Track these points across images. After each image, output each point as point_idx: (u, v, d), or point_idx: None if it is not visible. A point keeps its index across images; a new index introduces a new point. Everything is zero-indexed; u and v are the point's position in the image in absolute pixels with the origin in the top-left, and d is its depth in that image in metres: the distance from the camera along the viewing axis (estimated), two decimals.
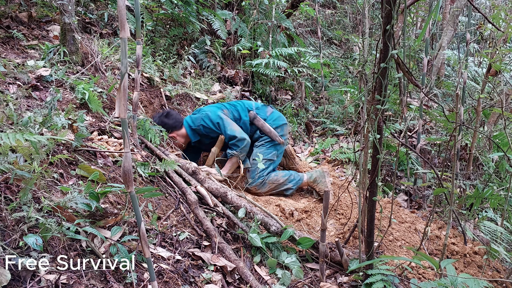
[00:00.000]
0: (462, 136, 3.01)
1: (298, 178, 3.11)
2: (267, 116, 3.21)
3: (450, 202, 2.05)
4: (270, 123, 3.18)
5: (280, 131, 3.19)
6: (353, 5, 7.36)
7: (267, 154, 3.08)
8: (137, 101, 2.49)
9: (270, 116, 3.22)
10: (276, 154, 3.15)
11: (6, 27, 2.99)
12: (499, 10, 3.07)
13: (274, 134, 3.12)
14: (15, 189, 1.58)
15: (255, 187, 2.99)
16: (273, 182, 3.01)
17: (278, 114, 3.28)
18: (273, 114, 3.24)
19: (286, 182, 3.05)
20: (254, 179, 2.99)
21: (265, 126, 3.13)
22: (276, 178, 3.03)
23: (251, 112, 3.17)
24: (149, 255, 1.37)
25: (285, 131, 3.26)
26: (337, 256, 2.14)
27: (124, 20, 1.17)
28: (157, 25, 4.18)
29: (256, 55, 4.69)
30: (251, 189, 3.02)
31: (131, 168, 1.25)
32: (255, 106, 3.24)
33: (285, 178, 3.05)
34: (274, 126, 3.18)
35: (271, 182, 3.01)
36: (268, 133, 3.13)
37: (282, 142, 3.15)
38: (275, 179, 3.02)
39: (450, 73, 6.09)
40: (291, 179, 3.07)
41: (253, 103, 3.28)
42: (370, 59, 3.92)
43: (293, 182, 3.08)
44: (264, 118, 3.19)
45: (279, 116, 3.27)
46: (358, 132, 2.27)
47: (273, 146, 3.13)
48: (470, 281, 1.55)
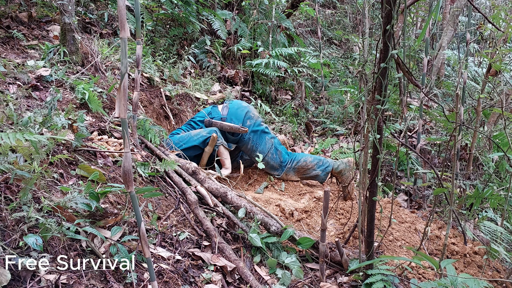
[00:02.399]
0: (462, 136, 3.01)
1: (327, 164, 3.03)
2: (226, 114, 3.05)
3: (450, 202, 2.05)
4: (233, 119, 3.03)
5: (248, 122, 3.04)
6: (353, 5, 7.36)
7: (263, 148, 3.01)
8: (137, 101, 2.49)
9: (228, 113, 3.05)
10: (267, 138, 3.06)
11: (6, 27, 2.99)
12: (499, 10, 3.07)
13: (236, 128, 2.95)
14: (15, 189, 1.57)
15: (285, 176, 3.01)
16: (302, 167, 2.98)
17: (236, 106, 3.10)
18: (230, 111, 3.07)
19: (315, 168, 3.00)
20: (279, 172, 2.99)
21: (224, 125, 2.98)
22: (305, 163, 2.98)
23: (205, 120, 3.03)
24: (149, 255, 1.37)
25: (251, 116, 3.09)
26: (337, 256, 2.14)
27: (124, 20, 1.17)
28: (157, 25, 4.18)
29: (256, 55, 4.69)
30: (282, 177, 3.04)
31: (131, 168, 1.25)
32: (206, 112, 3.10)
33: (314, 163, 3.00)
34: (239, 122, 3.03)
35: (300, 167, 2.97)
36: (230, 130, 2.98)
37: (245, 131, 2.97)
38: (304, 164, 2.98)
39: (450, 73, 6.09)
40: (320, 165, 3.02)
41: (204, 111, 3.14)
42: (370, 59, 3.92)
43: (322, 168, 3.01)
44: (223, 118, 3.04)
45: (237, 109, 3.08)
46: (358, 132, 2.27)
47: (257, 137, 3.03)
48: (470, 281, 1.55)
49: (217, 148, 2.92)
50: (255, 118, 3.11)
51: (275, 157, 3.04)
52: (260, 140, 3.05)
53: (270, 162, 3.04)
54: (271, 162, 3.03)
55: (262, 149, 3.05)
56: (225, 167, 2.94)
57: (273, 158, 3.03)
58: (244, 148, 3.11)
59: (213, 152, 2.96)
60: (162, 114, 3.59)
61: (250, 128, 3.04)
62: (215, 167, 2.84)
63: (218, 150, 2.93)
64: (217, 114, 3.07)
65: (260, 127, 3.09)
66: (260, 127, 3.10)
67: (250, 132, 3.04)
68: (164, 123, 3.55)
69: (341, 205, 2.90)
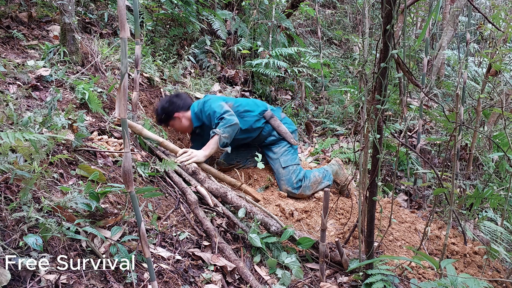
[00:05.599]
0: (462, 136, 3.01)
1: (328, 173, 3.12)
2: (282, 118, 3.21)
3: (450, 202, 2.05)
4: (288, 123, 3.21)
5: (294, 136, 3.23)
6: (353, 5, 7.37)
7: (294, 160, 3.08)
8: (136, 101, 2.49)
9: (284, 119, 3.23)
10: (297, 155, 3.19)
11: (6, 27, 2.99)
12: (499, 10, 3.07)
13: (290, 136, 3.13)
14: (15, 189, 1.57)
15: (302, 193, 2.98)
16: (314, 183, 3.03)
17: (290, 120, 3.31)
18: (286, 118, 3.26)
19: (323, 180, 3.06)
20: (294, 188, 2.96)
21: (281, 127, 3.12)
22: (315, 179, 3.04)
23: (268, 111, 3.13)
24: (149, 255, 1.37)
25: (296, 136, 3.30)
26: (337, 256, 2.14)
27: (124, 20, 1.17)
28: (157, 25, 4.18)
29: (256, 55, 4.69)
30: (297, 195, 2.98)
31: (131, 168, 1.25)
32: (269, 108, 3.21)
33: (321, 176, 3.07)
34: (293, 128, 3.22)
35: (313, 183, 3.02)
36: (284, 134, 3.11)
37: (295, 143, 3.18)
38: (314, 180, 3.03)
39: (450, 73, 6.09)
40: (325, 175, 3.09)
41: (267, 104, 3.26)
42: (370, 59, 3.92)
43: (327, 177, 3.09)
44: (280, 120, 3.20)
45: (291, 122, 3.30)
46: (358, 132, 2.27)
47: (294, 150, 3.16)
48: (470, 281, 1.55)
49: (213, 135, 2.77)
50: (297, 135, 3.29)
51: (298, 172, 3.03)
52: (294, 152, 3.15)
53: (291, 173, 3.01)
54: (292, 174, 3.00)
55: (292, 158, 3.10)
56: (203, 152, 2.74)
57: (296, 172, 3.02)
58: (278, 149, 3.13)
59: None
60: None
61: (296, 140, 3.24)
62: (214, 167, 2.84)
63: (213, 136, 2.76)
64: (278, 115, 3.21)
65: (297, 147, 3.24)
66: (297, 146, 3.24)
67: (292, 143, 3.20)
68: None
69: (341, 205, 2.90)
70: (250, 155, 3.25)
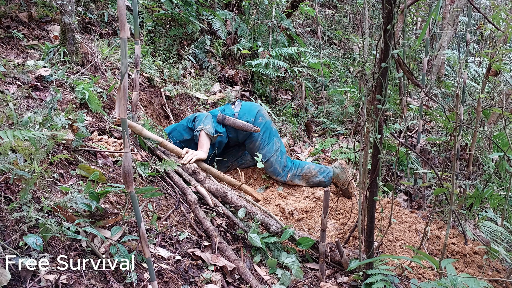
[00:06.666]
0: (462, 136, 3.01)
1: (328, 170, 3.11)
2: (238, 111, 3.11)
3: (450, 202, 2.05)
4: (246, 115, 3.08)
5: (260, 119, 3.09)
6: (353, 5, 7.37)
7: (271, 150, 3.04)
8: (136, 101, 2.49)
9: (241, 110, 3.11)
10: (275, 140, 3.11)
11: (6, 27, 2.99)
12: (499, 10, 3.07)
13: (249, 126, 2.99)
14: (15, 189, 1.57)
15: (290, 181, 3.06)
16: (306, 174, 3.06)
17: (249, 105, 3.16)
18: (243, 108, 3.13)
19: (318, 175, 3.07)
20: (282, 176, 3.02)
21: (237, 122, 3.01)
22: (309, 171, 3.07)
23: (219, 115, 3.05)
24: (149, 255, 1.37)
25: (263, 114, 3.15)
26: (337, 256, 2.14)
27: (124, 20, 1.17)
28: (157, 25, 4.18)
29: (256, 55, 4.69)
30: (287, 182, 3.09)
31: (131, 168, 1.25)
32: (220, 109, 3.15)
33: (317, 170, 3.08)
34: (251, 117, 3.07)
35: (305, 174, 3.05)
36: (242, 128, 3.00)
37: (257, 130, 3.01)
38: (307, 171, 3.06)
39: (450, 73, 6.09)
40: (322, 172, 3.09)
41: (218, 109, 3.19)
42: (370, 59, 3.92)
43: (324, 175, 3.09)
44: (235, 114, 3.08)
45: (250, 106, 3.15)
46: (358, 132, 2.27)
47: (268, 137, 3.07)
48: (470, 281, 1.55)
49: (198, 134, 2.84)
50: (267, 117, 3.17)
51: (280, 160, 3.05)
52: (269, 140, 3.09)
53: (274, 164, 3.03)
54: (275, 164, 3.03)
55: (269, 149, 3.06)
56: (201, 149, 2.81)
57: (278, 161, 3.04)
58: (252, 145, 3.09)
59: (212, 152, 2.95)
60: (162, 114, 3.59)
61: (261, 125, 3.07)
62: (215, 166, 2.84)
63: (199, 135, 2.84)
64: (230, 111, 3.13)
65: (271, 127, 3.14)
66: (271, 127, 3.14)
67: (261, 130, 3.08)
68: (164, 123, 3.55)
69: (341, 205, 2.90)
70: (240, 152, 3.30)
